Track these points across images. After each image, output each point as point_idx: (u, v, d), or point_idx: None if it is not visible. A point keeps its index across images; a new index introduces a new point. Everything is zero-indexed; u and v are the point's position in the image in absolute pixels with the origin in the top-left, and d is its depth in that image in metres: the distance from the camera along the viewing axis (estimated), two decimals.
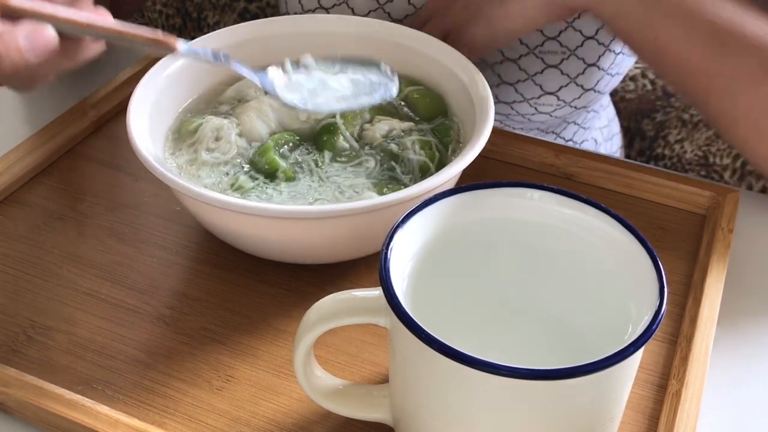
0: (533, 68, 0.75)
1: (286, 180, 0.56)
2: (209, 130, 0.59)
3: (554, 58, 0.74)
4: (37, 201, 0.63)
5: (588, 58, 0.73)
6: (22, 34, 0.43)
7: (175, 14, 1.28)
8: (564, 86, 0.75)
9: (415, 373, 0.40)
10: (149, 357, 0.51)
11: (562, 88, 0.75)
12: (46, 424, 0.48)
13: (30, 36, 0.43)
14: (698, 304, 0.53)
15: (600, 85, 0.77)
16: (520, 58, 0.73)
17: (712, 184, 0.63)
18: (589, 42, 0.72)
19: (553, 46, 0.73)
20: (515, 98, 0.77)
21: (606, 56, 0.74)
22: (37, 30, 0.43)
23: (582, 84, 0.75)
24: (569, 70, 0.74)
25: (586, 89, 0.76)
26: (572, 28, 0.71)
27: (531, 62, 0.74)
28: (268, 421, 0.48)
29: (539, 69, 0.75)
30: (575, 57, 0.73)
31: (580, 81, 0.75)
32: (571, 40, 0.72)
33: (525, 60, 0.74)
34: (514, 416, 0.38)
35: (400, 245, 0.42)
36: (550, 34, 0.72)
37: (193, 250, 0.59)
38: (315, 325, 0.42)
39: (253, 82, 0.56)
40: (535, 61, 0.74)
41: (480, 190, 0.45)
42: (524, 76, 0.75)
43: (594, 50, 0.73)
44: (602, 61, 0.74)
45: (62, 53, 0.46)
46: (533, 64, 0.74)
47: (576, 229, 0.45)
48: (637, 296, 0.41)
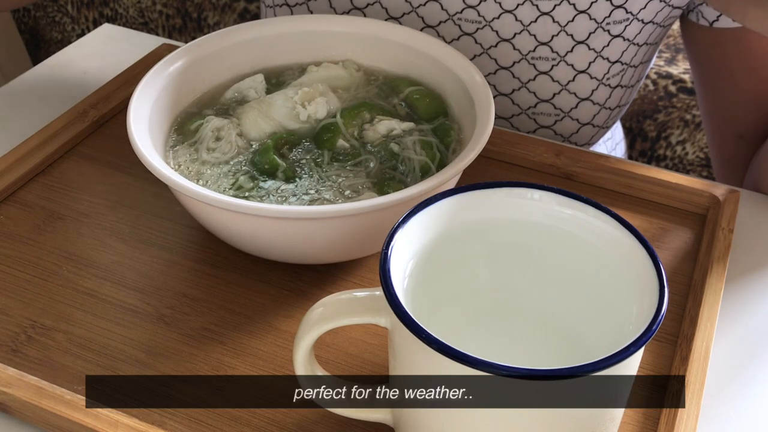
0: (526, 127, 0.75)
1: (286, 179, 0.56)
2: (210, 130, 0.59)
3: (547, 120, 0.74)
4: (37, 201, 0.63)
5: (577, 64, 0.73)
6: None
7: (176, 14, 1.28)
8: (557, 93, 0.75)
9: (415, 373, 0.40)
10: (149, 357, 0.51)
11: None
12: (46, 424, 0.48)
13: None
14: (698, 304, 0.53)
15: (593, 139, 0.77)
16: (514, 66, 0.73)
17: (713, 184, 0.63)
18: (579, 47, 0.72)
19: (546, 108, 0.73)
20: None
21: (597, 63, 0.74)
22: None
23: (575, 92, 0.75)
24: (562, 130, 0.74)
25: (580, 145, 0.76)
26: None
27: (523, 121, 0.75)
28: (268, 421, 0.48)
29: (531, 129, 0.75)
30: (569, 118, 0.74)
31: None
32: (562, 45, 0.72)
33: (517, 119, 0.75)
34: (514, 416, 0.38)
35: (400, 245, 0.42)
36: (543, 96, 0.73)
37: (193, 250, 0.59)
38: (315, 325, 0.42)
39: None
40: (528, 121, 0.74)
41: (480, 190, 0.45)
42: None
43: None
44: (593, 68, 0.74)
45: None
46: (525, 123, 0.75)
47: (576, 229, 0.45)
48: (637, 296, 0.41)
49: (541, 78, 0.73)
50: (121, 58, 0.78)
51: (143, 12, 1.30)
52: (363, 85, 0.65)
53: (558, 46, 0.71)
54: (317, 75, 0.64)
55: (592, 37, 0.70)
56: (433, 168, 0.57)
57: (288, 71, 0.66)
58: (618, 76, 0.74)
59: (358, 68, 0.66)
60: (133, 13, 1.37)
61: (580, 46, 0.71)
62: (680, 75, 1.14)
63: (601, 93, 0.74)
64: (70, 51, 0.82)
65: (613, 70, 0.73)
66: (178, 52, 0.62)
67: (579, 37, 0.70)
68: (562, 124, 0.74)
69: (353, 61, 0.66)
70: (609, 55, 0.72)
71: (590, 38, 0.71)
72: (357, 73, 0.66)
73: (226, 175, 0.56)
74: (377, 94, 0.64)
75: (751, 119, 0.75)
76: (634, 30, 0.71)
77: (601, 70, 0.73)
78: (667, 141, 1.18)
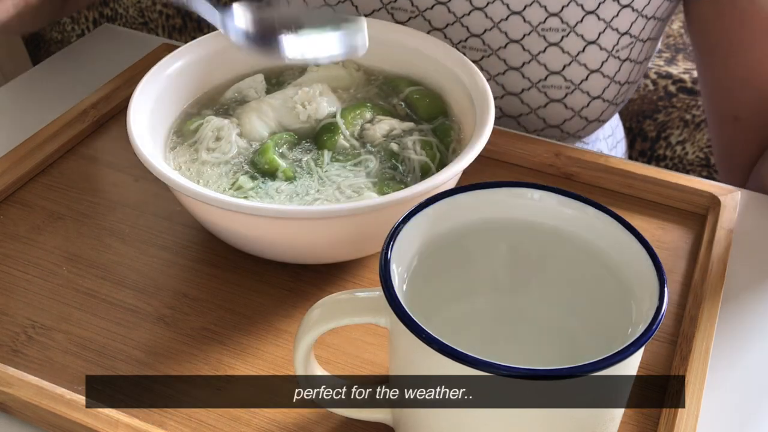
0: (537, 102, 0.75)
1: (286, 179, 0.56)
2: (210, 130, 0.59)
3: (558, 93, 0.74)
4: (37, 201, 0.63)
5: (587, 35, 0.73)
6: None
7: (176, 14, 1.28)
8: (568, 120, 0.75)
9: (415, 373, 0.40)
10: (149, 357, 0.51)
11: (566, 121, 0.75)
12: (46, 424, 0.48)
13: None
14: (698, 304, 0.53)
15: (604, 115, 0.77)
16: (524, 38, 0.73)
17: (712, 184, 0.63)
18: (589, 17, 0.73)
19: (557, 81, 0.73)
20: (522, 110, 0.77)
21: (607, 34, 0.74)
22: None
23: (585, 63, 0.74)
24: (573, 103, 0.74)
25: (590, 121, 0.76)
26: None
27: (534, 96, 0.74)
28: (268, 421, 0.48)
29: (543, 103, 0.75)
30: (579, 91, 0.73)
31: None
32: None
33: (528, 94, 0.74)
34: (513, 416, 0.38)
35: (400, 245, 0.42)
36: (553, 68, 0.73)
37: (193, 250, 0.59)
38: (315, 325, 0.42)
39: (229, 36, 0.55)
40: (539, 95, 0.74)
41: (480, 190, 0.45)
42: (527, 110, 0.75)
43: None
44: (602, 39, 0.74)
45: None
46: (537, 98, 0.74)
47: (576, 229, 0.45)
48: (637, 296, 0.41)
49: (551, 50, 0.73)
50: (121, 58, 0.78)
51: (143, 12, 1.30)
52: (363, 85, 0.65)
53: (568, 17, 0.71)
54: (317, 75, 0.64)
55: (602, 7, 0.71)
56: (433, 168, 0.57)
57: (288, 71, 0.66)
58: (627, 49, 0.74)
59: (358, 68, 0.66)
60: (133, 13, 1.37)
61: (590, 16, 0.71)
62: (680, 75, 1.14)
63: (611, 65, 0.74)
64: (70, 51, 0.82)
65: (622, 42, 0.73)
66: (178, 52, 0.62)
67: (589, 7, 0.70)
68: (572, 97, 0.74)
69: (353, 60, 0.66)
70: (618, 26, 0.72)
71: (600, 8, 0.71)
72: (357, 72, 0.66)
73: (226, 175, 0.56)
74: (377, 93, 0.64)
75: (747, 98, 0.75)
76: (643, 1, 0.72)
77: (611, 41, 0.73)
78: (667, 141, 1.18)
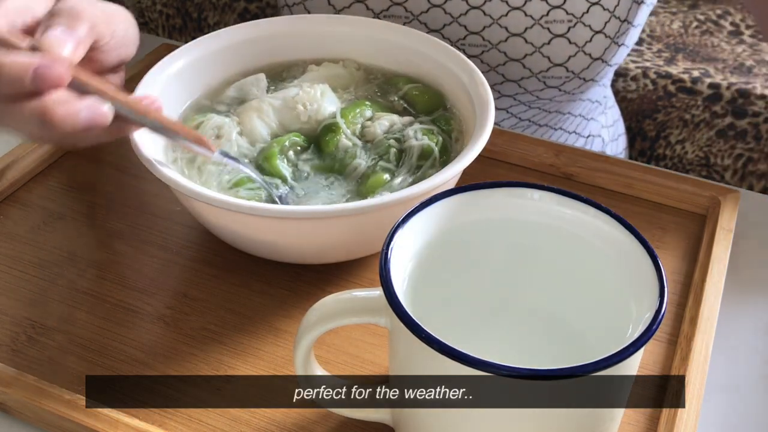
0: (540, 40, 0.74)
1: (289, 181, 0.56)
2: (210, 128, 0.59)
3: (561, 27, 0.73)
4: (37, 201, 0.63)
5: (594, 25, 0.73)
6: (84, 105, 0.47)
7: (176, 14, 1.28)
8: (572, 56, 0.74)
9: (415, 373, 0.40)
10: (149, 357, 0.51)
11: (571, 58, 0.74)
12: (46, 424, 0.48)
13: (90, 108, 0.47)
14: (698, 304, 0.53)
15: (607, 54, 0.76)
16: (526, 31, 0.73)
17: (712, 184, 0.63)
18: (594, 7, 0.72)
19: (559, 15, 0.73)
20: (523, 74, 0.76)
21: (611, 23, 0.73)
22: (97, 106, 0.47)
23: (590, 53, 0.74)
24: (576, 38, 0.74)
25: (594, 58, 0.75)
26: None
27: (538, 33, 0.73)
28: (268, 421, 0.48)
29: (546, 40, 0.74)
30: (581, 24, 0.73)
31: (588, 49, 0.74)
32: (576, 6, 0.72)
33: (531, 32, 0.73)
34: (514, 416, 0.38)
35: (400, 245, 0.42)
36: (554, 3, 0.72)
37: (193, 250, 0.59)
38: (315, 325, 0.42)
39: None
40: (542, 32, 0.73)
41: (480, 190, 0.45)
42: (531, 50, 0.75)
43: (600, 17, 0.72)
44: (608, 28, 0.73)
45: (107, 129, 0.49)
46: (540, 35, 0.74)
47: (576, 229, 0.45)
48: (637, 296, 0.41)
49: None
50: None
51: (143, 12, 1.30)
52: (363, 83, 0.65)
53: None
54: (317, 74, 0.64)
55: None
56: (436, 150, 0.57)
57: (288, 70, 0.66)
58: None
59: (358, 67, 0.66)
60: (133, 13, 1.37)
61: None
62: (680, 75, 1.14)
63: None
64: None
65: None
66: (178, 52, 0.62)
67: None
68: (575, 31, 0.73)
69: (353, 60, 0.66)
70: None
71: None
72: (357, 72, 0.66)
73: (227, 175, 0.56)
74: (377, 92, 0.64)
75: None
76: None
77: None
78: (667, 140, 1.18)
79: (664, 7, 1.30)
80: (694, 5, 1.30)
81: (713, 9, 1.28)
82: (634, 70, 1.15)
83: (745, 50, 1.17)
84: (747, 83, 1.11)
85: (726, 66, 1.16)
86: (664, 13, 1.28)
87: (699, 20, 1.26)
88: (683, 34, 1.24)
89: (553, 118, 0.83)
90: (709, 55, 1.19)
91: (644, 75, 1.15)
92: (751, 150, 1.13)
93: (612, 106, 0.93)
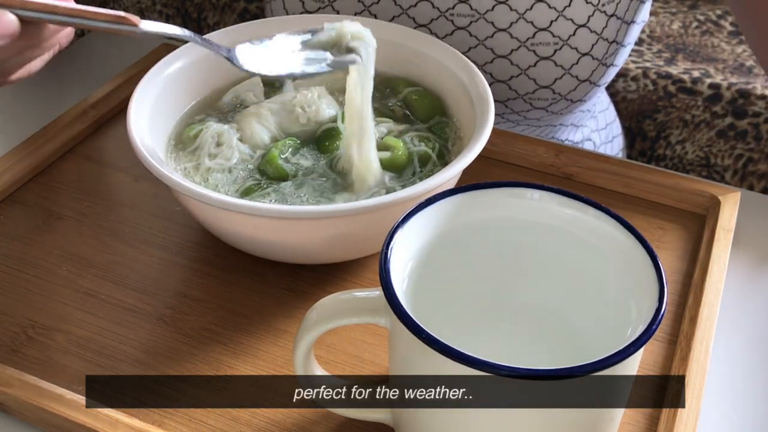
0: (526, 62, 0.74)
1: (290, 180, 0.56)
2: (210, 136, 0.59)
3: (547, 50, 0.73)
4: (37, 201, 0.63)
5: (581, 47, 0.73)
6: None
7: (175, 14, 1.28)
8: (558, 78, 0.74)
9: (415, 373, 0.40)
10: (149, 357, 0.51)
11: (557, 80, 0.75)
12: (46, 424, 0.48)
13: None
14: (698, 304, 0.53)
15: (594, 76, 0.76)
16: (512, 53, 0.73)
17: (712, 184, 0.63)
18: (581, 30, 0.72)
19: (545, 38, 0.73)
20: (509, 95, 0.76)
21: (599, 45, 0.73)
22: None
23: (572, 18, 0.74)
24: (562, 61, 0.74)
25: (581, 80, 0.76)
26: (563, 17, 0.71)
27: (523, 56, 0.73)
28: (268, 421, 0.48)
29: (532, 62, 0.74)
30: (568, 47, 0.73)
31: (569, 14, 0.73)
32: (563, 29, 0.72)
33: (517, 54, 0.74)
34: (513, 416, 0.38)
35: (400, 245, 0.42)
36: (540, 25, 0.72)
37: (193, 250, 0.59)
38: (315, 325, 0.42)
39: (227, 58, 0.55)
40: (528, 54, 0.73)
41: (480, 190, 0.45)
42: (517, 72, 0.75)
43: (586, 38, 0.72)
44: (595, 50, 0.73)
45: (25, 39, 0.46)
46: (526, 58, 0.74)
47: (576, 229, 0.45)
48: (637, 296, 0.41)
49: (537, 6, 0.72)
50: (121, 58, 0.78)
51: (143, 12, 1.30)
52: None
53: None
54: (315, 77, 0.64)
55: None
56: (433, 156, 0.57)
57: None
58: (612, 4, 0.73)
59: None
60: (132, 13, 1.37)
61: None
62: (680, 75, 1.14)
63: (597, 20, 0.73)
64: (70, 51, 0.82)
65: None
66: (178, 52, 0.62)
67: None
68: (561, 54, 0.73)
69: None
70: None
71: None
72: None
73: (234, 183, 0.56)
74: (375, 95, 0.64)
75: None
76: None
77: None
78: (667, 141, 1.18)
79: (664, 7, 1.30)
80: (694, 5, 1.30)
81: (713, 9, 1.28)
82: (634, 70, 1.15)
83: (745, 50, 1.17)
84: (747, 83, 1.11)
85: (726, 66, 1.16)
86: (664, 14, 1.28)
87: (699, 20, 1.26)
88: (683, 34, 1.24)
89: (543, 131, 0.83)
90: (709, 56, 1.19)
91: (644, 75, 1.15)
92: (751, 150, 1.13)
93: (603, 110, 0.93)
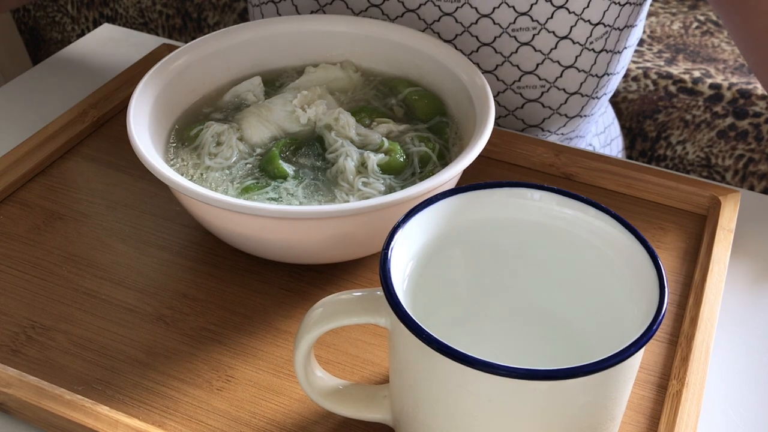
0: (514, 104, 0.74)
1: (292, 181, 0.56)
2: (210, 135, 0.59)
3: (534, 93, 0.73)
4: (37, 201, 0.63)
5: (564, 60, 0.72)
6: None
7: (175, 14, 1.28)
8: (547, 118, 0.74)
9: (415, 373, 0.40)
10: (149, 357, 0.51)
11: (545, 120, 0.74)
12: (46, 424, 0.48)
13: None
14: (698, 304, 0.53)
15: (585, 110, 0.76)
16: (495, 41, 0.72)
17: (713, 184, 0.63)
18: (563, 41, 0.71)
19: (531, 81, 0.73)
20: (499, 113, 0.76)
21: (579, 27, 0.72)
22: None
23: (558, 60, 0.73)
24: (550, 102, 0.74)
25: (570, 117, 0.75)
26: (549, 60, 0.71)
27: (506, 43, 0.73)
28: (268, 421, 0.48)
29: (519, 104, 0.74)
30: (555, 88, 0.73)
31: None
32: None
33: (499, 41, 0.73)
34: (514, 416, 0.38)
35: (400, 245, 0.42)
36: (526, 69, 0.72)
37: (193, 250, 0.59)
38: (315, 326, 0.42)
39: None
40: (509, 41, 0.73)
41: (480, 190, 0.45)
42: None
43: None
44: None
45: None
46: (513, 100, 0.74)
47: (576, 229, 0.45)
48: (637, 296, 0.41)
49: (523, 49, 0.71)
50: (121, 58, 0.78)
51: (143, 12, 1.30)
52: (361, 87, 0.65)
53: (538, 14, 0.69)
54: (315, 76, 0.64)
55: (571, 0, 0.69)
56: (434, 156, 0.57)
57: (285, 73, 0.66)
58: (602, 40, 0.72)
59: (356, 69, 0.66)
60: (133, 13, 1.37)
61: (560, 10, 0.69)
62: (680, 75, 1.14)
63: (585, 58, 0.72)
64: (70, 51, 0.82)
65: (596, 33, 0.71)
66: (178, 52, 0.62)
67: (558, 2, 0.69)
68: (548, 96, 0.73)
69: (351, 62, 0.66)
70: (590, 17, 0.70)
71: (569, 1, 0.69)
72: (355, 74, 0.65)
73: (232, 182, 0.56)
74: (375, 95, 0.64)
75: None
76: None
77: (584, 34, 0.70)
78: (668, 141, 1.18)
79: (664, 7, 1.30)
80: (694, 6, 1.30)
81: (713, 9, 1.28)
82: (634, 70, 1.15)
83: None
84: (748, 83, 1.11)
85: (727, 66, 1.16)
86: (664, 14, 1.28)
87: (699, 21, 1.26)
88: (683, 34, 1.24)
89: None
90: (709, 56, 1.19)
91: (645, 75, 1.15)
92: (752, 150, 1.13)
93: (604, 112, 0.93)
